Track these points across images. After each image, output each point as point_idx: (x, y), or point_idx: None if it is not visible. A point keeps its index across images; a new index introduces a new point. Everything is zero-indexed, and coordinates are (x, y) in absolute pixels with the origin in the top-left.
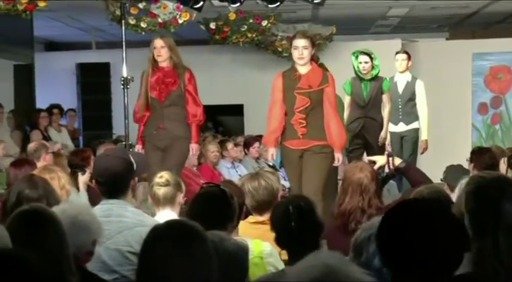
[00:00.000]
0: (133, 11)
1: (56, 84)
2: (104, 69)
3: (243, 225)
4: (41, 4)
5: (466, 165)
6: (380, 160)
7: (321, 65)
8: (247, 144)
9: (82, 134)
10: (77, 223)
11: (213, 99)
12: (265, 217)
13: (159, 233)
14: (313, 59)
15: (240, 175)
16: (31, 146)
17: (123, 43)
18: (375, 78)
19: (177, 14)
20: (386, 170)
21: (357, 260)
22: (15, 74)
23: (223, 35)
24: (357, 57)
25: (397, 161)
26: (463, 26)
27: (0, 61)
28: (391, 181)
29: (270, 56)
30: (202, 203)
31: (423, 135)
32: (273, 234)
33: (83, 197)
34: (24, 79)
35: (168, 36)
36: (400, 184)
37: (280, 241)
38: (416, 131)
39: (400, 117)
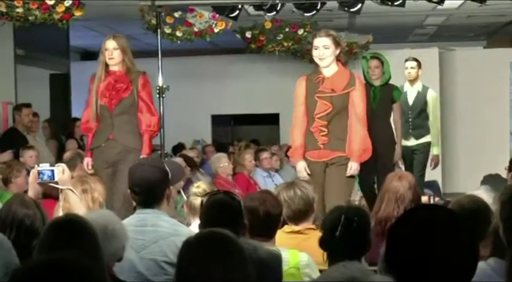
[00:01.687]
0: (169, 20)
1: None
2: None
3: (279, 234)
4: (77, 13)
5: (504, 174)
6: None
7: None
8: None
9: None
10: (109, 232)
11: (248, 108)
12: (301, 227)
13: (194, 245)
14: (340, 60)
15: (276, 184)
16: (66, 155)
17: (159, 52)
18: (386, 84)
19: (212, 23)
20: None
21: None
22: (51, 83)
23: (259, 43)
24: (367, 61)
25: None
26: (500, 35)
27: (36, 70)
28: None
29: (306, 65)
30: (212, 210)
31: (434, 150)
32: (311, 243)
33: None
34: (60, 88)
35: (121, 36)
36: (438, 194)
37: (322, 244)
38: (427, 145)
39: (411, 131)
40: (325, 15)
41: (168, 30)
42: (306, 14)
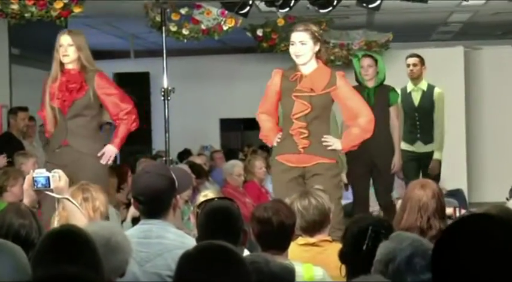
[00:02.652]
0: (174, 17)
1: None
2: (143, 79)
3: (292, 247)
4: (76, 10)
5: None
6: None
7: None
8: None
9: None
10: (112, 245)
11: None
12: (316, 239)
13: (192, 258)
14: (320, 57)
15: None
16: None
17: (164, 51)
18: (380, 85)
19: (221, 20)
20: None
21: None
22: None
23: (271, 42)
24: (358, 60)
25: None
26: None
27: (32, 71)
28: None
29: None
30: (209, 218)
31: (436, 154)
32: (327, 256)
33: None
34: None
35: (78, 32)
36: (464, 204)
37: (343, 256)
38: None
39: (418, 135)
40: (342, 12)
41: (173, 28)
42: (322, 11)
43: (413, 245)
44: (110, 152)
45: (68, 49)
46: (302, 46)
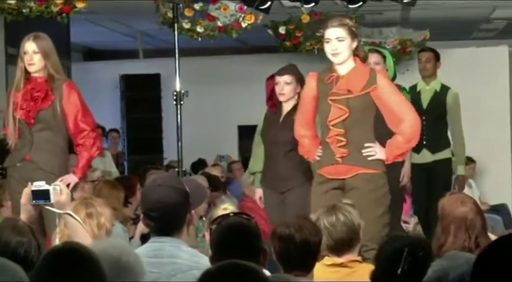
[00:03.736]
0: (188, 13)
1: (97, 99)
2: (153, 81)
3: (318, 268)
4: (80, 5)
5: None
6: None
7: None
8: None
9: (127, 159)
10: (122, 265)
11: None
12: (345, 259)
13: (214, 278)
14: (357, 54)
15: None
16: None
17: (176, 51)
18: None
19: (239, 16)
20: None
21: None
22: None
23: (295, 41)
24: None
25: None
26: None
27: None
28: (496, 216)
29: None
30: (225, 236)
31: (459, 169)
32: (356, 277)
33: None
34: None
35: (44, 37)
36: (508, 220)
37: (376, 279)
38: (447, 162)
39: (425, 142)
40: (373, 7)
41: (187, 25)
42: (351, 6)
43: (468, 263)
44: (70, 179)
45: (33, 57)
46: (339, 43)
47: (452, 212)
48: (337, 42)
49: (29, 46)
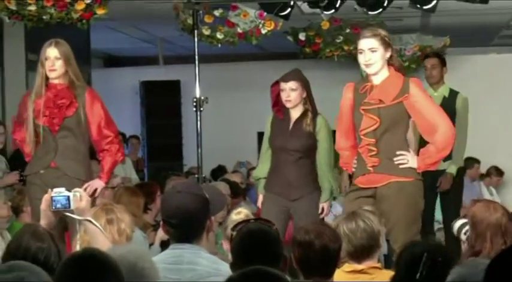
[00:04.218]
0: (208, 19)
1: (116, 106)
2: (173, 88)
3: (338, 274)
4: (100, 12)
5: None
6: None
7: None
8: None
9: (146, 166)
10: (138, 271)
11: None
12: (365, 265)
13: None
14: (392, 64)
15: (334, 215)
16: None
17: (196, 57)
18: None
19: (259, 22)
20: None
21: None
22: None
23: (315, 47)
24: None
25: None
26: None
27: None
28: None
29: None
30: (245, 242)
31: (450, 168)
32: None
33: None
34: None
35: (64, 43)
36: None
37: None
38: (459, 170)
39: None
40: (393, 14)
41: (206, 32)
42: (371, 13)
43: None
44: (96, 184)
45: (55, 62)
46: (372, 54)
47: (487, 219)
48: (370, 52)
49: (51, 52)
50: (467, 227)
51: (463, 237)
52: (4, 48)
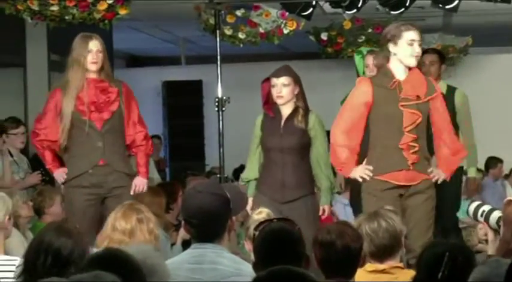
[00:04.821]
0: (230, 19)
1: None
2: (195, 88)
3: (359, 274)
4: (122, 12)
5: None
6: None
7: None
8: None
9: (168, 166)
10: (147, 267)
11: (324, 123)
12: (387, 265)
13: None
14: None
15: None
16: None
17: (218, 57)
18: None
19: (281, 22)
20: None
21: None
22: None
23: (337, 47)
24: (362, 57)
25: None
26: None
27: None
28: None
29: None
30: (269, 241)
31: (470, 172)
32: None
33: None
34: None
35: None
36: None
37: None
38: (459, 169)
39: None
40: (415, 14)
41: (228, 32)
42: (393, 12)
43: None
44: (140, 182)
45: (99, 56)
46: (419, 47)
47: None
48: (418, 46)
49: (94, 45)
50: (483, 208)
51: (480, 219)
52: (27, 49)
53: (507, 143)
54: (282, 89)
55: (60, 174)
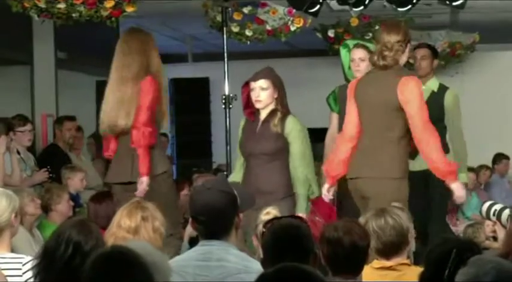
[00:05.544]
0: (236, 16)
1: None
2: (202, 85)
3: (366, 271)
4: (129, 9)
5: None
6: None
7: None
8: None
9: (175, 163)
10: (149, 265)
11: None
12: (394, 262)
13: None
14: None
15: None
16: None
17: (225, 54)
18: None
19: (288, 19)
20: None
21: None
22: (97, 92)
23: None
24: (348, 51)
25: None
26: None
27: (80, 76)
28: None
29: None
30: (278, 238)
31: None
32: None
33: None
34: None
35: None
36: None
37: (425, 280)
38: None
39: None
40: (422, 11)
41: (235, 29)
42: (400, 9)
43: (496, 268)
44: (141, 185)
45: None
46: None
47: None
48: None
49: None
50: (495, 207)
51: (492, 218)
52: (34, 47)
53: None
54: (260, 93)
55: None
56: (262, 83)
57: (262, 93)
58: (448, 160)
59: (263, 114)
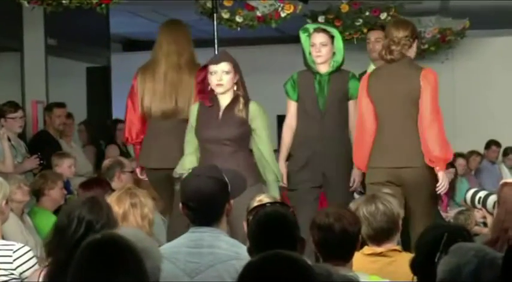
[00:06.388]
0: (227, 3)
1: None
2: None
3: (357, 257)
4: None
5: None
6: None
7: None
8: None
9: None
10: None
11: None
12: (384, 248)
13: (258, 268)
14: None
15: None
16: (105, 163)
17: (215, 41)
18: (337, 71)
19: (279, 6)
20: None
21: None
22: (88, 79)
23: None
24: (308, 36)
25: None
26: None
27: (70, 63)
28: None
29: None
30: (264, 225)
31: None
32: (396, 267)
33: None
34: (99, 84)
35: None
36: None
37: (415, 266)
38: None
39: None
40: None
41: (226, 15)
42: None
43: (478, 256)
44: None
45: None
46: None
47: None
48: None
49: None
50: (479, 195)
51: (478, 205)
52: (24, 33)
53: (505, 125)
54: (223, 77)
55: None
56: (224, 66)
57: (225, 77)
58: (447, 149)
59: (224, 100)
